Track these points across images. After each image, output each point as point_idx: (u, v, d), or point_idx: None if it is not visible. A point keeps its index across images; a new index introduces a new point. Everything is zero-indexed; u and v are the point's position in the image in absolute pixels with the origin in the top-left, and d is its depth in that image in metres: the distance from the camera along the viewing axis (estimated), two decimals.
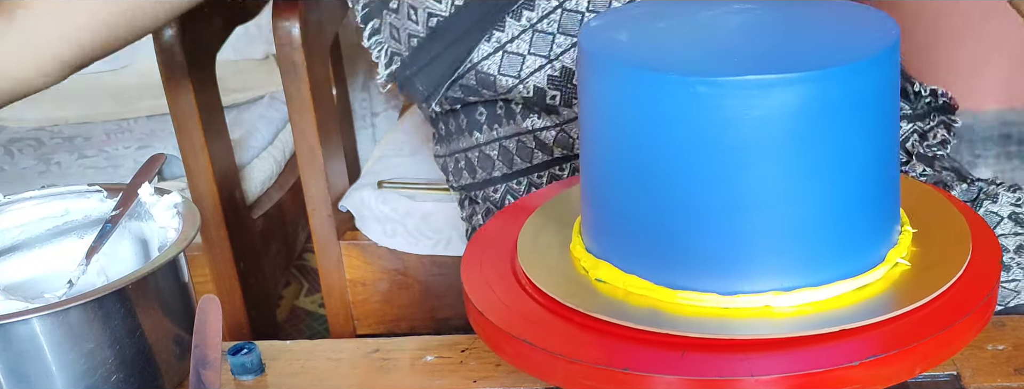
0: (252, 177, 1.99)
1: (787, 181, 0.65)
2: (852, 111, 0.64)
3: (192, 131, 1.69)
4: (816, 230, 0.66)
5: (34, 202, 0.99)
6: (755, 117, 0.62)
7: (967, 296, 0.68)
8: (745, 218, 0.65)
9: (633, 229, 0.69)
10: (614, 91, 0.67)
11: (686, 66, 0.65)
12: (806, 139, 0.64)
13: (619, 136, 0.67)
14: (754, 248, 0.66)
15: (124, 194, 0.98)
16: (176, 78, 1.65)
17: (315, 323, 2.31)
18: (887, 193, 0.70)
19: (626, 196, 0.68)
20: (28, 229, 0.98)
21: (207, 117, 1.71)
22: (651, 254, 0.68)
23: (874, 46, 0.66)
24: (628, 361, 0.64)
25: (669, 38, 0.70)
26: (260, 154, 2.06)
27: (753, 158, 0.64)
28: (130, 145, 2.13)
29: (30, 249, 0.99)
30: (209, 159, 1.72)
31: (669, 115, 0.64)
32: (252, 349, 0.95)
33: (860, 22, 0.70)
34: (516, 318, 0.70)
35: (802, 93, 0.62)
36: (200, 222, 0.93)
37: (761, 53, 0.67)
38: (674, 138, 0.64)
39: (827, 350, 0.64)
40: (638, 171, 0.67)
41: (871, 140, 0.67)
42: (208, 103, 1.71)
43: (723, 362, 0.64)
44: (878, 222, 0.70)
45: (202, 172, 1.73)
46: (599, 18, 0.73)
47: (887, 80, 0.67)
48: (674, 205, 0.66)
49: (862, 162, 0.66)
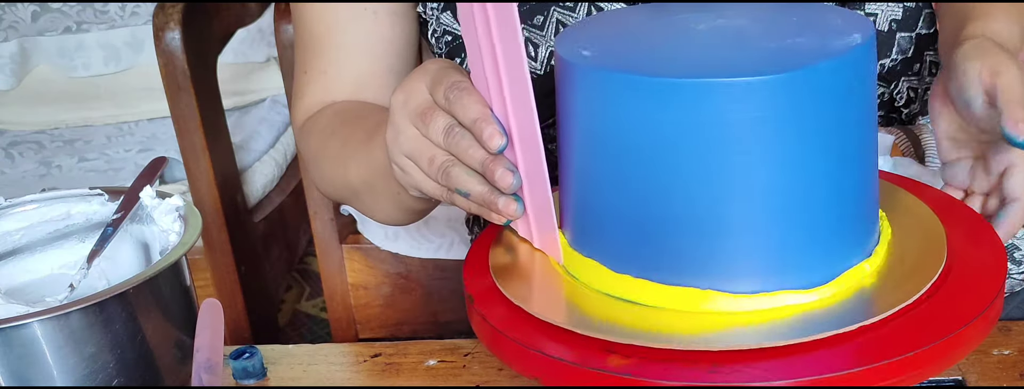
0: (253, 180, 1.99)
1: (761, 180, 0.64)
2: (826, 110, 0.64)
3: (193, 134, 1.69)
4: (794, 227, 0.66)
5: (35, 205, 0.98)
6: (729, 119, 0.63)
7: (973, 300, 0.67)
8: (722, 217, 0.65)
9: (612, 229, 0.69)
10: (591, 94, 0.67)
11: (661, 69, 0.65)
12: (779, 138, 0.64)
13: (596, 139, 0.67)
14: (734, 246, 0.66)
15: (126, 197, 0.97)
16: (177, 81, 1.65)
17: (316, 327, 2.31)
18: (864, 190, 0.70)
19: (604, 197, 0.69)
20: (29, 232, 0.98)
21: (208, 120, 1.70)
22: (633, 253, 0.68)
23: (846, 44, 0.65)
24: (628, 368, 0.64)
25: (645, 42, 0.71)
26: (261, 157, 2.05)
27: (728, 158, 0.64)
28: (131, 148, 2.13)
29: (31, 253, 0.98)
30: (210, 162, 1.71)
31: (645, 117, 0.64)
32: (254, 353, 0.95)
33: (834, 22, 0.70)
34: (520, 323, 0.70)
35: (775, 94, 0.62)
36: (202, 226, 0.92)
37: (735, 56, 0.67)
38: (649, 140, 0.64)
39: (823, 356, 0.63)
40: (615, 172, 0.67)
41: (847, 138, 0.66)
42: (209, 106, 1.71)
43: (726, 370, 0.63)
44: (857, 220, 0.69)
45: (203, 175, 1.72)
46: (575, 25, 0.74)
47: (861, 78, 0.66)
48: (650, 206, 0.66)
49: (838, 159, 0.66)
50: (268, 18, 2.11)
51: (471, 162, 0.72)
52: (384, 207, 0.97)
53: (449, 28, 1.01)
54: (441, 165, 0.73)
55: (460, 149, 0.72)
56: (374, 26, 1.03)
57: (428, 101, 0.74)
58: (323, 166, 1.02)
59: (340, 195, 1.04)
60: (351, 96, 1.04)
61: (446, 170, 0.73)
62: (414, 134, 0.75)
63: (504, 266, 0.75)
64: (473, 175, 0.72)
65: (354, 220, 1.75)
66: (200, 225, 0.92)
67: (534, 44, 1.00)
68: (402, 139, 0.76)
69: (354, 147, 0.95)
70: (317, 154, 1.03)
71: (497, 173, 0.70)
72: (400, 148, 0.77)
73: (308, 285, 2.44)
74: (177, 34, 1.61)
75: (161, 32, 1.61)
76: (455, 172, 0.73)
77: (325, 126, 1.02)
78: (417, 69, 0.76)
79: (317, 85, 1.06)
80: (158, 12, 1.63)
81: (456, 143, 0.72)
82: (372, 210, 1.01)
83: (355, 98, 1.05)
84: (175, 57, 1.63)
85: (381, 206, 0.97)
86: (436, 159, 0.74)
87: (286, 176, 2.13)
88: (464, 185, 0.73)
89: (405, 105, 0.75)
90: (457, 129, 0.71)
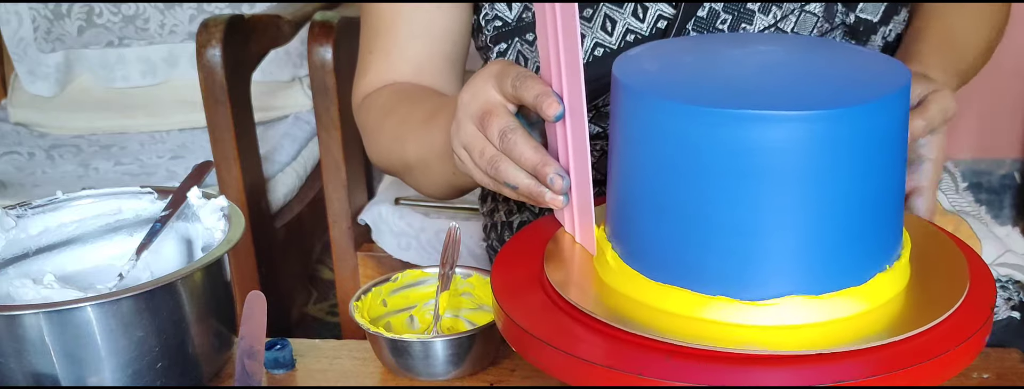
0: (276, 189, 1.99)
1: (795, 207, 0.65)
2: (860, 148, 0.65)
3: (227, 144, 1.69)
4: (819, 253, 0.66)
5: (91, 200, 0.99)
6: (770, 149, 0.63)
7: (962, 327, 0.68)
8: (755, 239, 0.65)
9: (655, 244, 0.69)
10: (643, 118, 0.67)
11: (710, 98, 0.65)
12: (815, 171, 0.64)
13: (646, 160, 0.68)
14: (764, 267, 0.66)
15: (174, 196, 0.97)
16: (215, 94, 1.65)
17: (324, 330, 2.30)
18: (889, 225, 0.70)
19: (650, 213, 0.69)
20: (83, 225, 0.98)
21: (241, 131, 1.71)
22: (675, 266, 0.68)
23: (884, 89, 0.66)
24: (645, 369, 0.64)
25: (696, 72, 0.71)
26: (284, 169, 2.05)
27: (766, 185, 0.64)
28: (163, 155, 2.13)
29: (84, 243, 0.98)
30: (240, 170, 1.72)
31: (692, 142, 0.65)
32: (285, 345, 0.95)
33: (873, 66, 0.71)
34: (543, 323, 0.70)
35: (815, 129, 0.63)
36: (245, 225, 0.92)
37: (780, 90, 0.68)
38: (695, 163, 0.65)
39: (824, 369, 0.64)
40: (661, 191, 0.67)
41: (877, 176, 0.67)
42: (242, 119, 1.71)
43: (731, 373, 0.63)
44: (878, 248, 0.70)
45: (234, 182, 1.72)
46: (633, 51, 0.74)
47: (895, 121, 0.67)
48: (692, 224, 0.66)
49: (867, 194, 0.67)
50: (296, 42, 2.12)
51: (524, 164, 0.75)
52: (435, 182, 1.02)
53: (500, 14, 1.04)
54: (490, 159, 0.77)
55: (515, 152, 0.75)
56: (435, 16, 1.08)
57: (490, 103, 0.78)
58: (380, 140, 1.07)
59: (392, 167, 1.08)
60: (409, 78, 1.09)
61: (495, 164, 0.77)
62: (472, 131, 0.79)
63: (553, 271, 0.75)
64: (520, 170, 0.76)
65: (370, 229, 1.76)
66: (243, 224, 0.92)
67: (582, 35, 1.03)
68: (462, 133, 0.80)
69: (412, 127, 0.99)
70: (374, 128, 1.07)
71: (549, 177, 0.74)
72: (459, 140, 0.81)
73: (316, 290, 2.44)
74: (218, 51, 1.62)
75: (203, 48, 1.62)
76: (503, 167, 0.77)
77: (384, 103, 1.06)
78: (482, 70, 0.80)
79: (380, 65, 1.10)
80: (202, 30, 1.63)
81: (511, 147, 0.75)
82: (421, 184, 1.05)
83: (413, 80, 1.09)
84: (215, 72, 1.63)
85: (432, 181, 1.02)
86: (486, 152, 0.78)
87: (305, 187, 2.14)
88: (512, 179, 0.77)
89: (469, 104, 0.79)
90: (510, 134, 0.75)
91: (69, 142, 2.22)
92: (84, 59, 2.36)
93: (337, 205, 1.69)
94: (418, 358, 0.89)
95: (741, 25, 1.00)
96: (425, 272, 0.98)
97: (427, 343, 0.88)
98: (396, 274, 0.98)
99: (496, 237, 1.21)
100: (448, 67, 1.10)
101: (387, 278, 0.97)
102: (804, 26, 1.00)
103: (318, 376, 0.93)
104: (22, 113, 2.32)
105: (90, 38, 2.33)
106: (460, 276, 0.97)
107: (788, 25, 1.00)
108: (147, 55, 2.36)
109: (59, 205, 0.97)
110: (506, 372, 0.92)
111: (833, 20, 1.01)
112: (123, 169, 2.06)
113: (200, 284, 0.88)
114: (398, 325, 0.98)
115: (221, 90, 1.64)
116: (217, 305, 0.90)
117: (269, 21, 1.79)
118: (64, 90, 2.36)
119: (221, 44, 1.62)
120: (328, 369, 0.95)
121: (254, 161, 1.80)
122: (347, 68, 1.68)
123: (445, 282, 0.94)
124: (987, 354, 0.88)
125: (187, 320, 0.86)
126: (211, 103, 1.66)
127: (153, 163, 2.09)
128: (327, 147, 1.67)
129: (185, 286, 0.86)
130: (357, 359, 0.96)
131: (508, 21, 1.04)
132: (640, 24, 1.01)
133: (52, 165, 2.10)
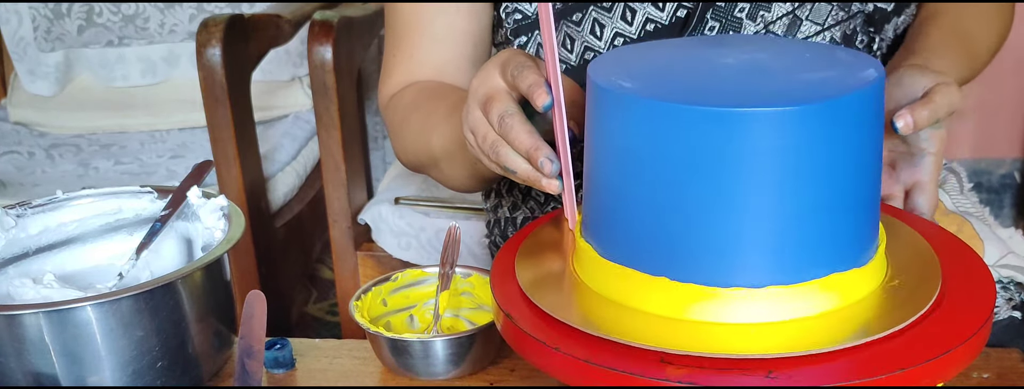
0: (276, 189, 1.99)
1: (772, 200, 0.65)
2: (835, 143, 0.65)
3: (227, 143, 1.69)
4: (797, 242, 0.67)
5: (90, 200, 0.99)
6: (745, 145, 0.63)
7: (964, 324, 0.67)
8: (731, 231, 0.66)
9: (636, 237, 0.69)
10: (616, 116, 0.68)
11: (692, 97, 0.66)
12: (791, 166, 0.64)
13: (624, 158, 0.68)
14: (739, 256, 0.67)
15: (174, 196, 0.97)
16: (215, 93, 1.65)
17: (323, 329, 2.30)
18: (865, 215, 0.70)
19: (630, 209, 0.69)
20: (83, 224, 0.98)
21: (241, 131, 1.71)
22: (653, 258, 0.68)
23: (855, 85, 0.66)
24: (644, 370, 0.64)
25: (675, 73, 0.72)
26: (284, 168, 2.05)
27: (743, 180, 0.64)
28: (163, 154, 2.13)
29: (84, 243, 0.98)
30: (240, 169, 1.72)
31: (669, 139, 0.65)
32: (285, 345, 0.95)
33: (848, 64, 0.71)
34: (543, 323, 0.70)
35: (790, 125, 0.63)
36: (245, 224, 0.92)
37: (754, 87, 0.68)
38: (672, 159, 0.65)
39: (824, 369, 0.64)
40: (641, 188, 0.68)
41: (852, 169, 0.67)
42: (242, 118, 1.71)
43: (732, 373, 0.63)
44: (856, 239, 0.70)
45: (234, 181, 1.72)
46: (608, 53, 0.76)
47: (869, 116, 0.67)
48: (671, 218, 0.67)
49: (843, 187, 0.67)
50: (295, 41, 2.11)
51: (519, 147, 0.78)
52: (460, 174, 1.03)
53: (520, 7, 1.06)
54: (492, 143, 0.80)
55: (511, 135, 0.78)
56: (456, 19, 1.10)
57: (494, 89, 0.80)
58: (406, 136, 1.08)
59: (420, 163, 1.09)
60: (432, 78, 1.11)
61: (496, 148, 0.80)
62: (478, 115, 0.82)
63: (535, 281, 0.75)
64: (519, 156, 0.78)
65: (369, 229, 1.76)
66: (243, 223, 0.92)
67: (571, 38, 1.05)
68: (470, 118, 0.83)
69: (437, 120, 1.01)
70: (401, 125, 1.08)
71: (539, 160, 0.76)
72: (467, 124, 0.83)
73: (316, 289, 2.44)
74: (218, 51, 1.62)
75: (203, 48, 1.61)
76: (503, 152, 0.79)
77: (409, 101, 1.08)
78: (493, 57, 0.83)
79: (404, 66, 1.12)
80: (202, 29, 1.63)
81: (507, 130, 0.78)
82: (448, 177, 1.06)
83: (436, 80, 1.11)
84: (215, 71, 1.63)
85: (457, 173, 1.03)
86: (488, 137, 0.80)
87: (305, 186, 2.14)
88: (512, 164, 0.79)
89: (477, 90, 0.82)
90: (508, 119, 0.78)
91: (69, 141, 2.22)
92: (84, 58, 2.36)
93: (337, 204, 1.69)
94: (418, 358, 0.89)
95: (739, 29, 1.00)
96: (425, 272, 0.98)
97: (427, 343, 0.88)
98: (396, 273, 0.98)
99: (499, 233, 1.21)
100: (470, 68, 1.11)
101: (387, 277, 0.97)
102: (819, 14, 1.01)
103: (318, 376, 0.93)
104: (22, 112, 2.32)
105: (90, 37, 2.33)
106: (460, 276, 0.97)
107: (804, 12, 1.01)
108: (147, 54, 2.35)
109: (59, 204, 0.97)
110: (506, 372, 0.92)
111: (849, 8, 1.01)
112: (123, 168, 2.06)
113: (200, 284, 0.87)
114: (398, 325, 0.98)
115: (221, 89, 1.64)
116: (217, 305, 0.90)
117: (269, 21, 1.79)
118: (64, 89, 2.36)
119: (221, 43, 1.62)
120: (328, 369, 0.94)
121: (254, 161, 1.80)
122: (347, 68, 1.68)
123: (445, 282, 0.94)
124: (987, 354, 0.88)
125: (187, 320, 0.86)
126: (211, 102, 1.66)
127: (153, 162, 2.09)
128: (327, 147, 1.67)
129: (185, 286, 0.86)
130: (357, 359, 0.96)
131: (528, 14, 1.06)
132: (628, 27, 1.02)
133: (52, 164, 2.10)
